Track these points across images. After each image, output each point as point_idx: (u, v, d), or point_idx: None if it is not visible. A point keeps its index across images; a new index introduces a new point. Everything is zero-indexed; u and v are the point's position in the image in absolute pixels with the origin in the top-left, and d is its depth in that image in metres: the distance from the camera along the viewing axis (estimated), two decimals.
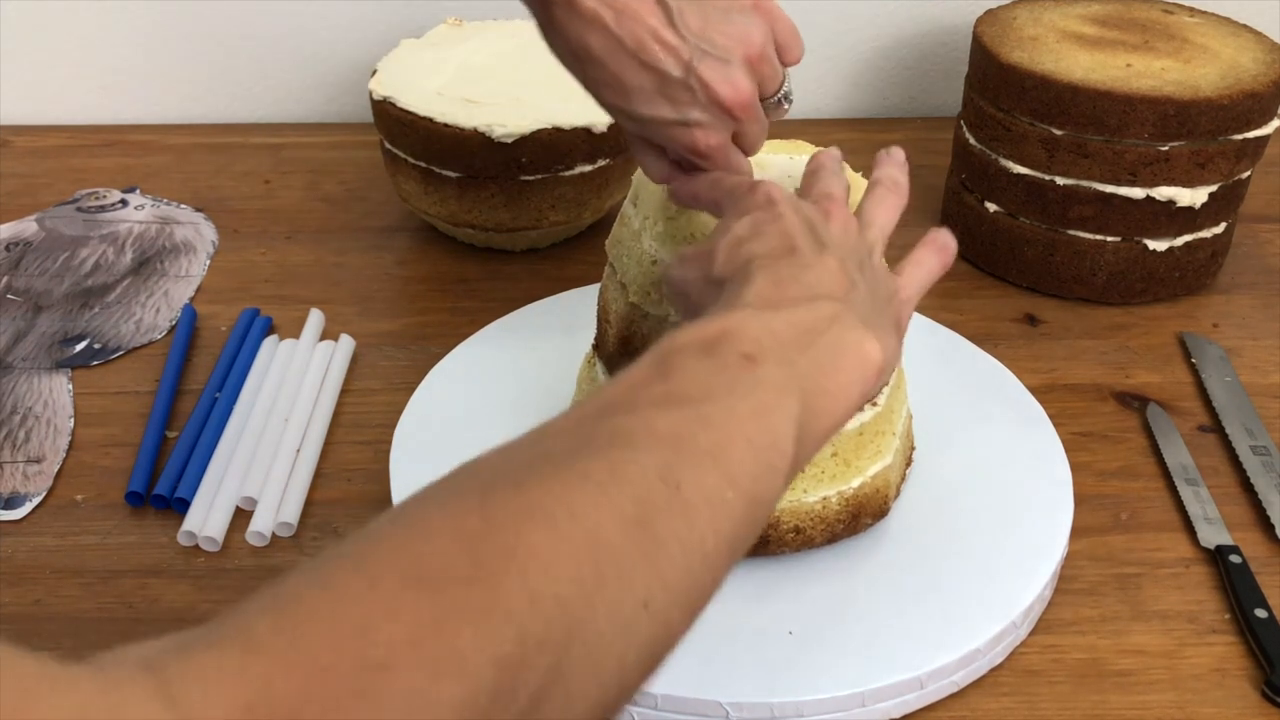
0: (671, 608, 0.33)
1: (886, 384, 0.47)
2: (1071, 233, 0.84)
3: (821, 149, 0.56)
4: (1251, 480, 0.68)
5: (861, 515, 0.60)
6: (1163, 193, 0.81)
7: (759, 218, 0.47)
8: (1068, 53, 0.84)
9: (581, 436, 0.35)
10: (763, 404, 0.37)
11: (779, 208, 0.47)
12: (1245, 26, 0.89)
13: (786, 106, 0.55)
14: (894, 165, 0.54)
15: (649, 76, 0.50)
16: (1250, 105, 0.80)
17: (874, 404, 0.60)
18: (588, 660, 0.29)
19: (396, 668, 0.25)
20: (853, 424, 0.59)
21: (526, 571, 0.29)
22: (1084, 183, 0.82)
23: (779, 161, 0.61)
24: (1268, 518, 0.66)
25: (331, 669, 0.25)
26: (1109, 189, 0.82)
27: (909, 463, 0.65)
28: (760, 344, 0.39)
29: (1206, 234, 0.85)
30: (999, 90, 0.84)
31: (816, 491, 0.59)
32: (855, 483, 0.59)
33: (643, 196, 0.60)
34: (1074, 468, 0.66)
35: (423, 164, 0.86)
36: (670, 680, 0.53)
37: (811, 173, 0.53)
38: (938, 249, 0.53)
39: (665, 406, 0.36)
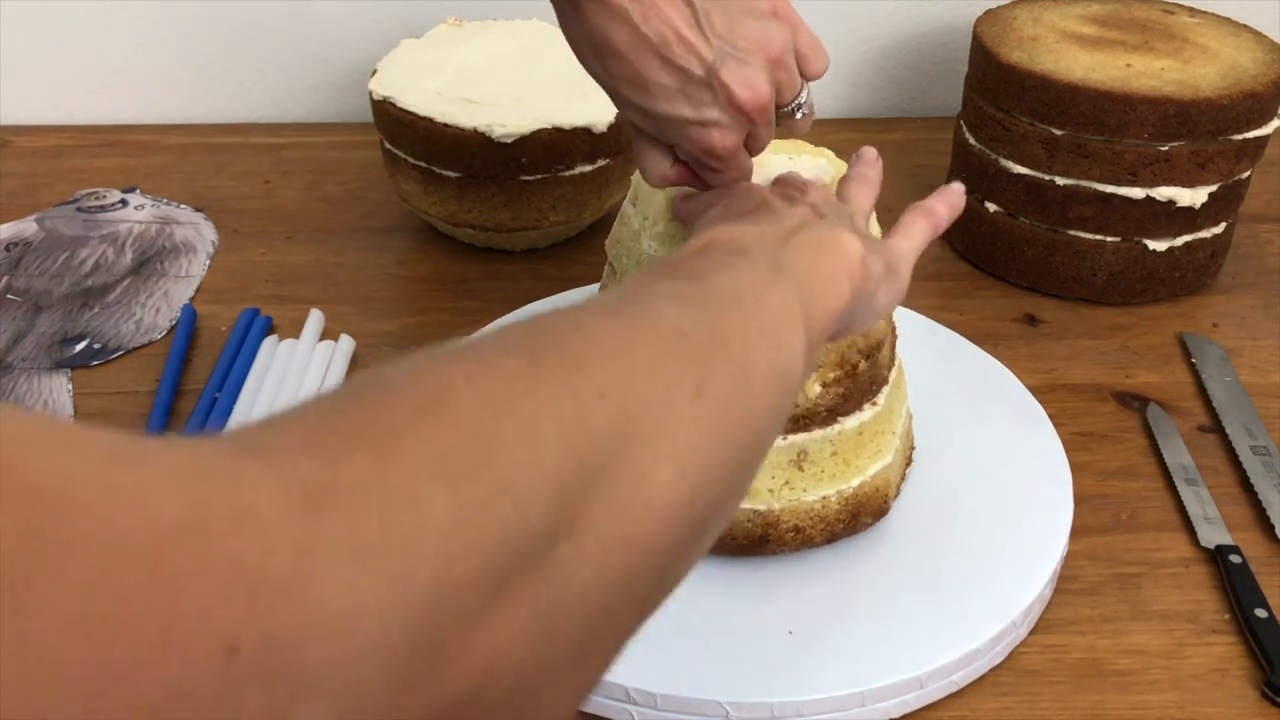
0: (722, 424, 0.32)
1: (883, 308, 0.47)
2: (1071, 233, 0.84)
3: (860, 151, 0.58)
4: (1251, 480, 0.68)
5: (861, 515, 0.60)
6: (1163, 193, 0.81)
7: (737, 191, 0.50)
8: (1068, 53, 0.84)
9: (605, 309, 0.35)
10: (760, 278, 0.38)
11: (759, 189, 0.50)
12: (1245, 26, 0.89)
13: (799, 117, 0.55)
14: (864, 164, 0.57)
15: (671, 75, 0.50)
16: (1250, 105, 0.80)
17: (874, 403, 0.60)
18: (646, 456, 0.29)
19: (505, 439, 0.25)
20: (853, 423, 0.59)
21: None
22: (1084, 183, 0.82)
23: (779, 162, 0.61)
24: (1268, 518, 0.66)
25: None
26: (1109, 189, 0.82)
27: (909, 462, 0.65)
28: (743, 241, 0.41)
29: (1206, 234, 0.85)
30: (999, 90, 0.84)
31: (816, 491, 0.59)
32: (855, 482, 0.59)
33: (642, 197, 0.60)
34: (1074, 468, 0.66)
35: (423, 164, 0.86)
36: (670, 680, 0.53)
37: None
38: (924, 212, 0.54)
39: (674, 279, 0.37)
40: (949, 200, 0.56)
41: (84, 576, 0.18)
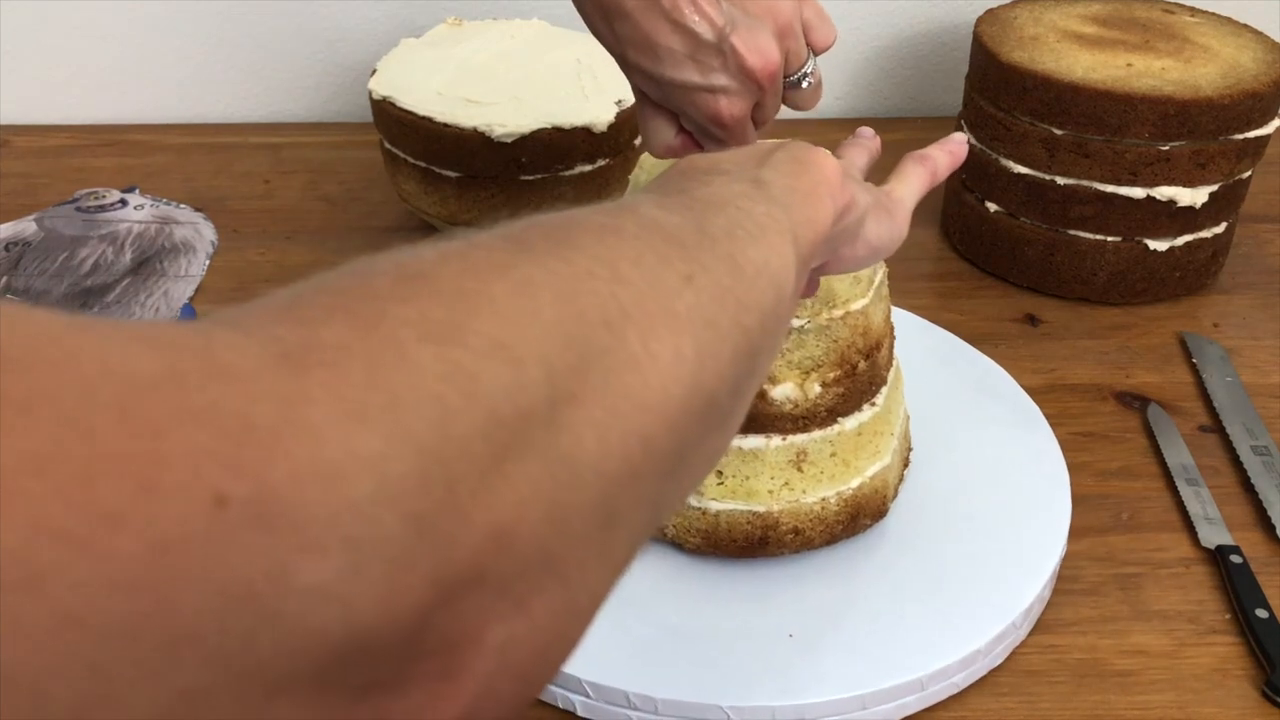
0: (712, 310, 0.31)
1: (875, 243, 0.45)
2: (1072, 233, 0.84)
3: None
4: (1252, 480, 0.68)
5: (860, 516, 0.60)
6: (1163, 192, 0.81)
7: None
8: (1068, 52, 0.84)
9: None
10: (741, 190, 0.37)
11: None
12: (1246, 26, 0.89)
13: (805, 87, 0.54)
14: (861, 134, 0.55)
15: (681, 39, 0.49)
16: (1251, 105, 0.80)
17: (873, 404, 0.60)
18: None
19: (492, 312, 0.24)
20: (851, 424, 0.59)
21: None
22: (1084, 182, 0.82)
23: None
24: (1268, 518, 0.65)
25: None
26: (1109, 189, 0.82)
27: (906, 463, 0.65)
28: (719, 163, 0.39)
29: (1207, 234, 0.85)
30: (999, 90, 0.84)
31: (815, 492, 0.59)
32: (854, 483, 0.59)
33: None
34: (1075, 468, 0.66)
35: (422, 164, 0.86)
36: (670, 685, 0.53)
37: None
38: (920, 158, 0.52)
39: (653, 194, 0.36)
40: (948, 148, 0.53)
41: (50, 426, 0.16)
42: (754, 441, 0.58)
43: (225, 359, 0.19)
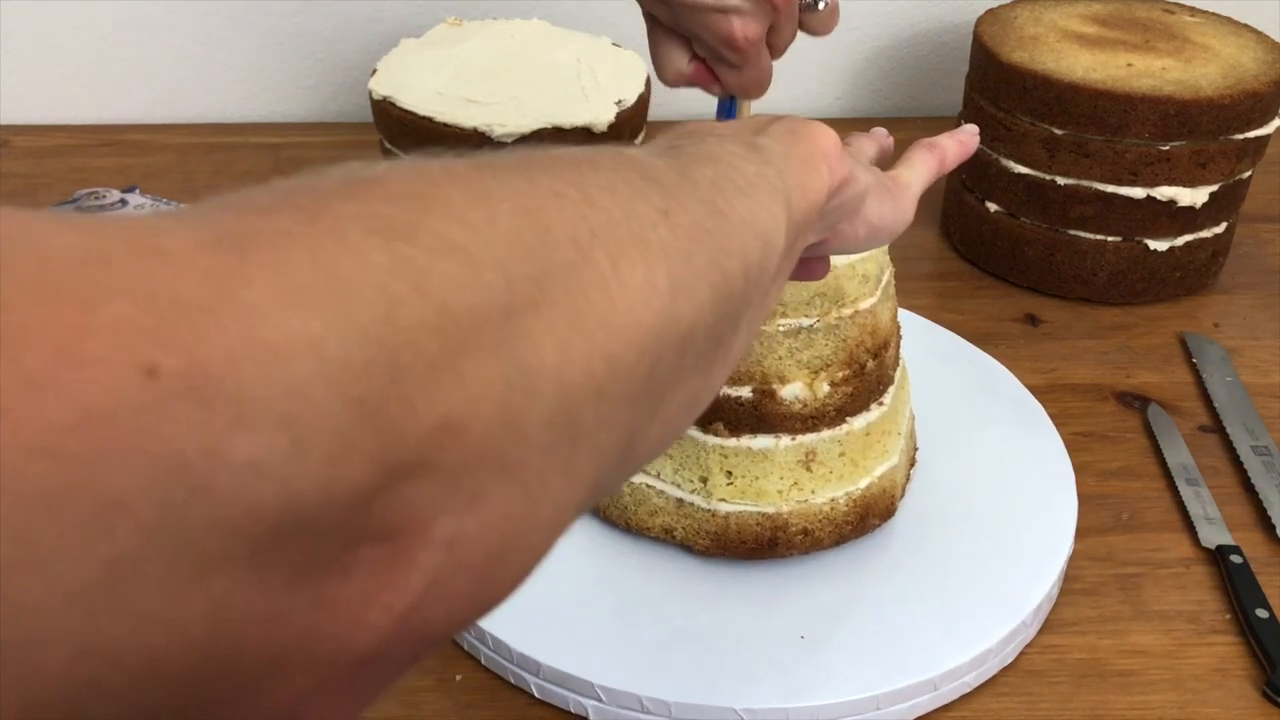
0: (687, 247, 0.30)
1: (876, 222, 0.45)
2: (1072, 233, 0.84)
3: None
4: (1252, 480, 0.68)
5: (869, 516, 0.60)
6: (1163, 192, 0.81)
7: None
8: (1068, 52, 0.84)
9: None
10: (735, 151, 0.36)
11: None
12: (1246, 26, 0.89)
13: (822, 8, 0.53)
14: (876, 131, 0.54)
15: None
16: (1251, 105, 0.80)
17: (880, 403, 0.60)
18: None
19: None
20: (860, 423, 0.59)
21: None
22: (1084, 182, 0.82)
23: None
24: (1268, 518, 0.65)
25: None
26: (1110, 189, 0.82)
27: (913, 463, 0.65)
28: (715, 128, 0.39)
29: (1207, 234, 0.85)
30: (999, 90, 0.84)
31: (824, 492, 0.59)
32: (863, 483, 0.59)
33: None
34: (1075, 468, 0.66)
35: None
36: (683, 688, 0.53)
37: None
38: (928, 145, 0.51)
39: (650, 147, 0.35)
40: (959, 138, 0.52)
41: None
42: (763, 442, 0.58)
43: (156, 241, 0.19)
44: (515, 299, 0.24)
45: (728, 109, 0.55)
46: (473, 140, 0.82)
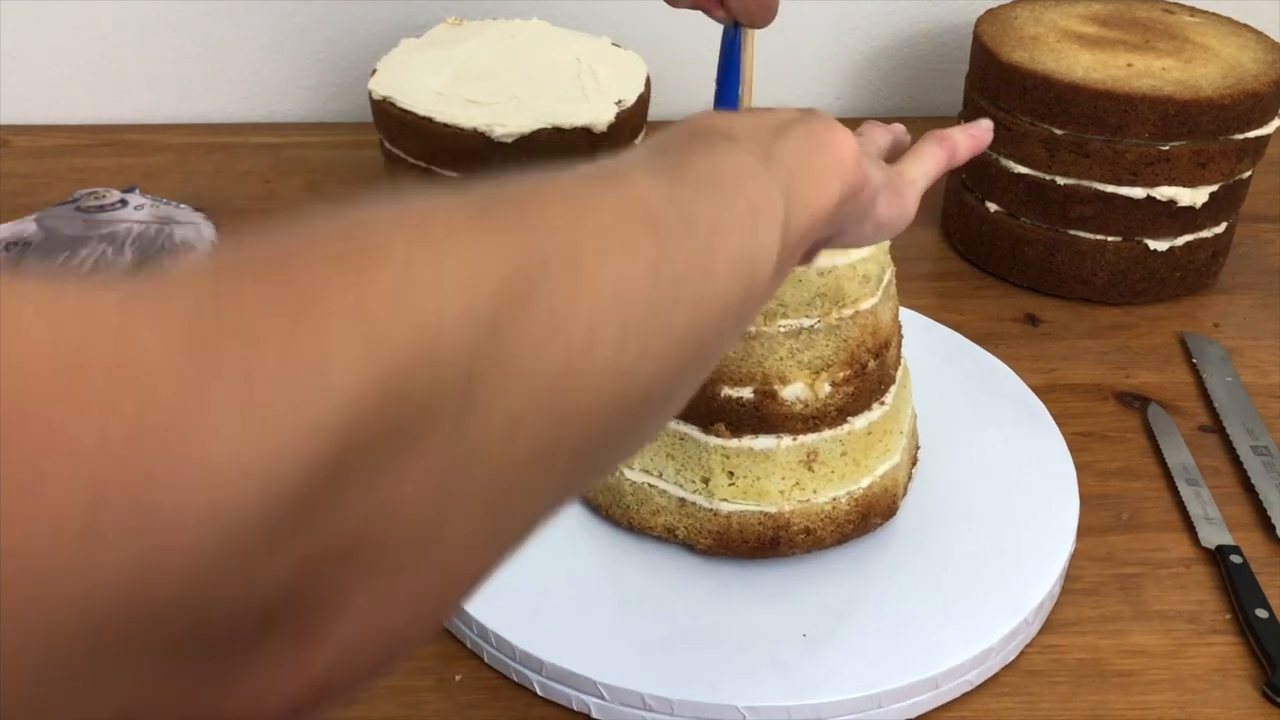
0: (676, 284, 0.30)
1: (884, 223, 0.44)
2: (1072, 232, 0.84)
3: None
4: (1252, 480, 0.68)
5: (871, 515, 0.60)
6: (1163, 192, 0.81)
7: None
8: (1068, 52, 0.84)
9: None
10: (745, 165, 0.36)
11: None
12: (1246, 26, 0.89)
13: None
14: (893, 128, 0.54)
15: None
16: (1251, 105, 0.80)
17: (882, 403, 0.60)
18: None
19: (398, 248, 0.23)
20: (862, 422, 0.59)
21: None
22: (1084, 182, 0.82)
23: None
24: (1268, 518, 0.66)
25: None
26: (1110, 189, 0.82)
27: (915, 462, 0.65)
28: (734, 129, 0.38)
29: (1207, 234, 0.85)
30: (999, 90, 0.84)
31: (826, 492, 0.59)
32: (865, 482, 0.60)
33: None
34: (1075, 468, 0.66)
35: (422, 164, 0.86)
36: (686, 686, 0.53)
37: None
38: (939, 139, 0.51)
39: (657, 154, 0.35)
40: (972, 132, 0.52)
41: None
42: (765, 442, 0.58)
43: (136, 331, 0.19)
44: (475, 388, 0.24)
45: (732, 39, 0.54)
46: (473, 140, 0.82)
